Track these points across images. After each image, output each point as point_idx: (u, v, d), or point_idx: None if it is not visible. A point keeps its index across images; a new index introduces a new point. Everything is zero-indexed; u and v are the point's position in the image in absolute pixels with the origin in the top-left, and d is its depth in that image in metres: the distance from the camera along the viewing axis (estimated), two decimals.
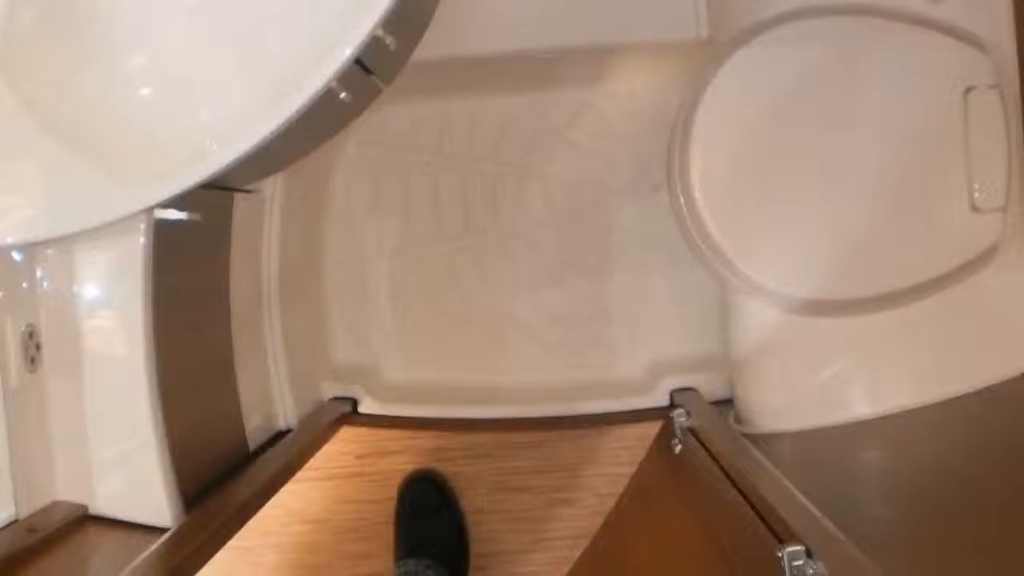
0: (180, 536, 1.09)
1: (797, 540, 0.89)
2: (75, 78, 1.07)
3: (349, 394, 1.77)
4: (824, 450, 1.41)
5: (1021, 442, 1.24)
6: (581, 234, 1.79)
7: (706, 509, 1.31)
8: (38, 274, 1.14)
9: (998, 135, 1.34)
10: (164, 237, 1.12)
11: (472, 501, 1.75)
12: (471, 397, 1.79)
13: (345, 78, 1.00)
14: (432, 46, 1.51)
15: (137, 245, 1.09)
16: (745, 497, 1.08)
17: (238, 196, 1.44)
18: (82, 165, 1.01)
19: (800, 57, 1.38)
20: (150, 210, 1.06)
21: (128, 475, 1.14)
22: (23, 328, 1.12)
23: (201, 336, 1.35)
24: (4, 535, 1.05)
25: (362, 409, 1.76)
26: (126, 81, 1.08)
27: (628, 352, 1.79)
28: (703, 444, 1.35)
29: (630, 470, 1.73)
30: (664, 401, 1.70)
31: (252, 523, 1.23)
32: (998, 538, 0.99)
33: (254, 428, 1.47)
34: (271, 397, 1.60)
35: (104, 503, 1.16)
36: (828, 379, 1.46)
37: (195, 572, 1.04)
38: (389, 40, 1.09)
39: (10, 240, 1.04)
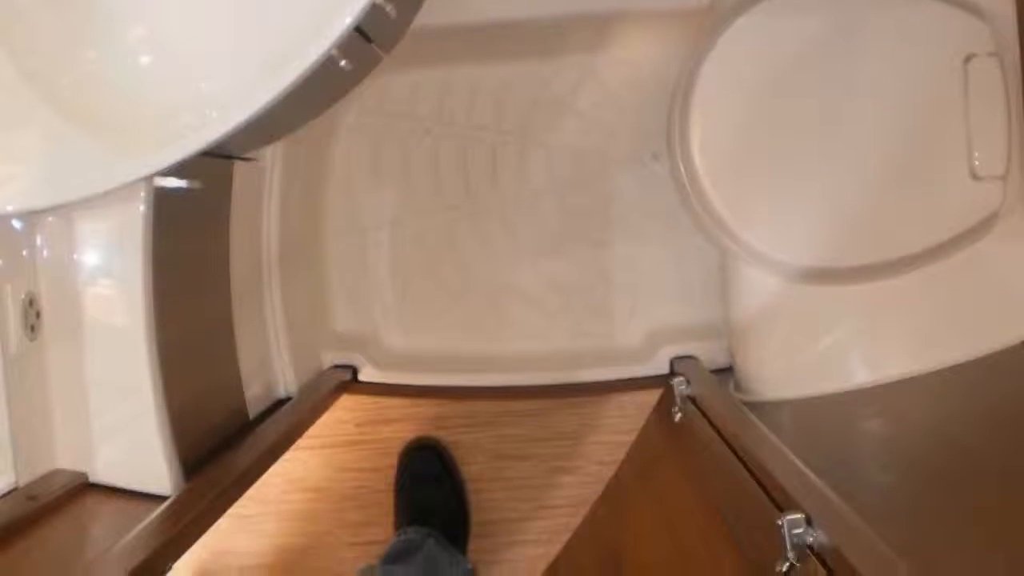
0: (180, 504, 1.09)
1: (797, 508, 0.89)
2: (75, 49, 1.07)
3: (349, 362, 1.77)
4: (824, 418, 1.42)
5: (1020, 410, 1.24)
6: (581, 202, 1.78)
7: (706, 477, 1.31)
8: (38, 242, 1.14)
9: (998, 103, 1.34)
10: (164, 205, 1.11)
11: (472, 469, 1.76)
12: (471, 365, 1.79)
13: (345, 46, 1.00)
14: (432, 13, 1.50)
15: (137, 213, 1.09)
16: (745, 465, 1.09)
17: (238, 164, 1.43)
18: (82, 134, 1.00)
19: (800, 25, 1.37)
20: (150, 178, 1.06)
21: (128, 443, 1.15)
22: (23, 296, 1.12)
23: (201, 304, 1.35)
24: (4, 503, 1.05)
25: (362, 377, 1.76)
26: (126, 51, 1.07)
27: (628, 320, 1.79)
28: (703, 412, 1.35)
29: (630, 438, 1.73)
30: (664, 369, 1.71)
31: (252, 491, 1.23)
32: (997, 506, 1.00)
33: (254, 396, 1.48)
34: (271, 365, 1.60)
35: (104, 471, 1.16)
36: (828, 347, 1.46)
37: (195, 540, 1.04)
38: (389, 8, 1.08)
39: (10, 208, 1.03)
